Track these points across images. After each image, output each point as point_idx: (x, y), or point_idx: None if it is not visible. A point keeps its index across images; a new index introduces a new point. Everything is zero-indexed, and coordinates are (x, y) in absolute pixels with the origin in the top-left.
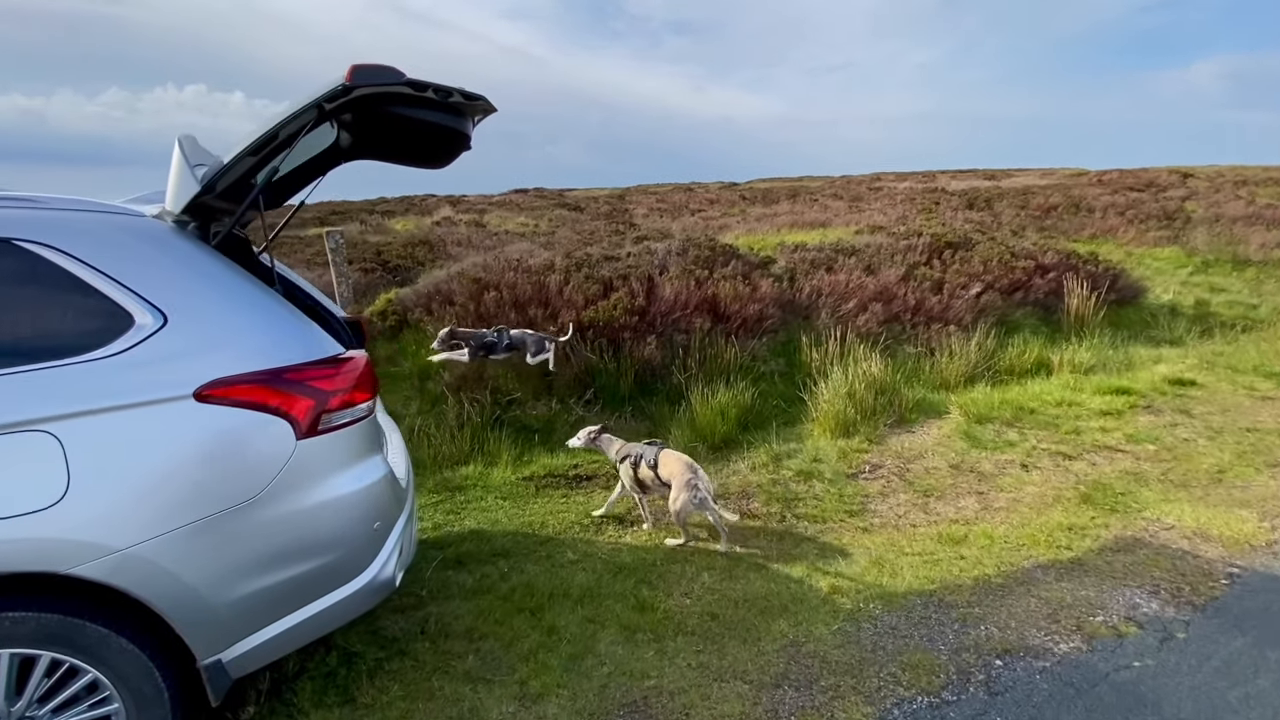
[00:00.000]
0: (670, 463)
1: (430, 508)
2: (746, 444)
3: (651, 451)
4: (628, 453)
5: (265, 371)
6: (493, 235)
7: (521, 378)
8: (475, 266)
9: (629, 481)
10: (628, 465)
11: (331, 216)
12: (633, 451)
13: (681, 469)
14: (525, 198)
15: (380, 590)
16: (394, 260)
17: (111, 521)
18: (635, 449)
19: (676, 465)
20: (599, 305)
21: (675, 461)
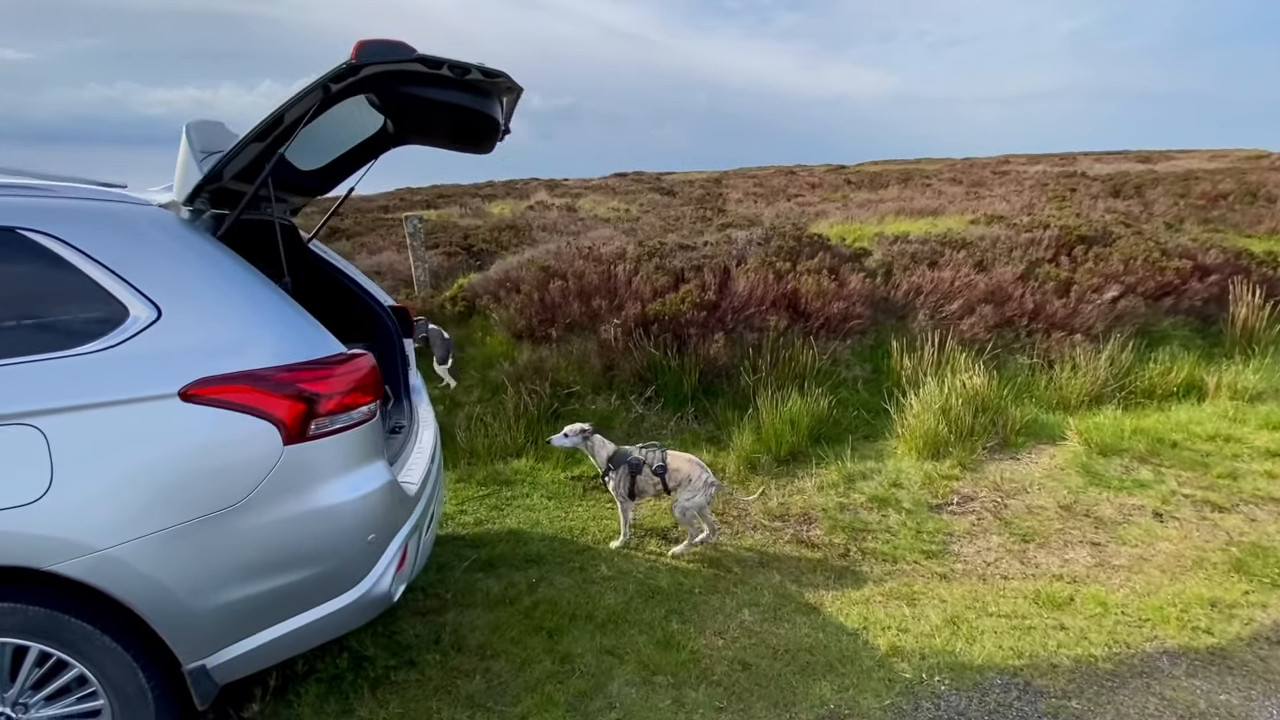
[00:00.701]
0: (681, 465)
1: (476, 501)
2: (816, 459)
3: (657, 455)
4: (624, 459)
5: (254, 371)
6: (579, 220)
7: (582, 370)
8: (546, 254)
9: (623, 490)
10: (623, 472)
11: (438, 200)
12: (629, 458)
13: (695, 469)
14: (623, 182)
15: (374, 606)
16: (479, 244)
17: (92, 521)
18: (632, 454)
19: (688, 466)
20: (666, 298)
21: (686, 463)
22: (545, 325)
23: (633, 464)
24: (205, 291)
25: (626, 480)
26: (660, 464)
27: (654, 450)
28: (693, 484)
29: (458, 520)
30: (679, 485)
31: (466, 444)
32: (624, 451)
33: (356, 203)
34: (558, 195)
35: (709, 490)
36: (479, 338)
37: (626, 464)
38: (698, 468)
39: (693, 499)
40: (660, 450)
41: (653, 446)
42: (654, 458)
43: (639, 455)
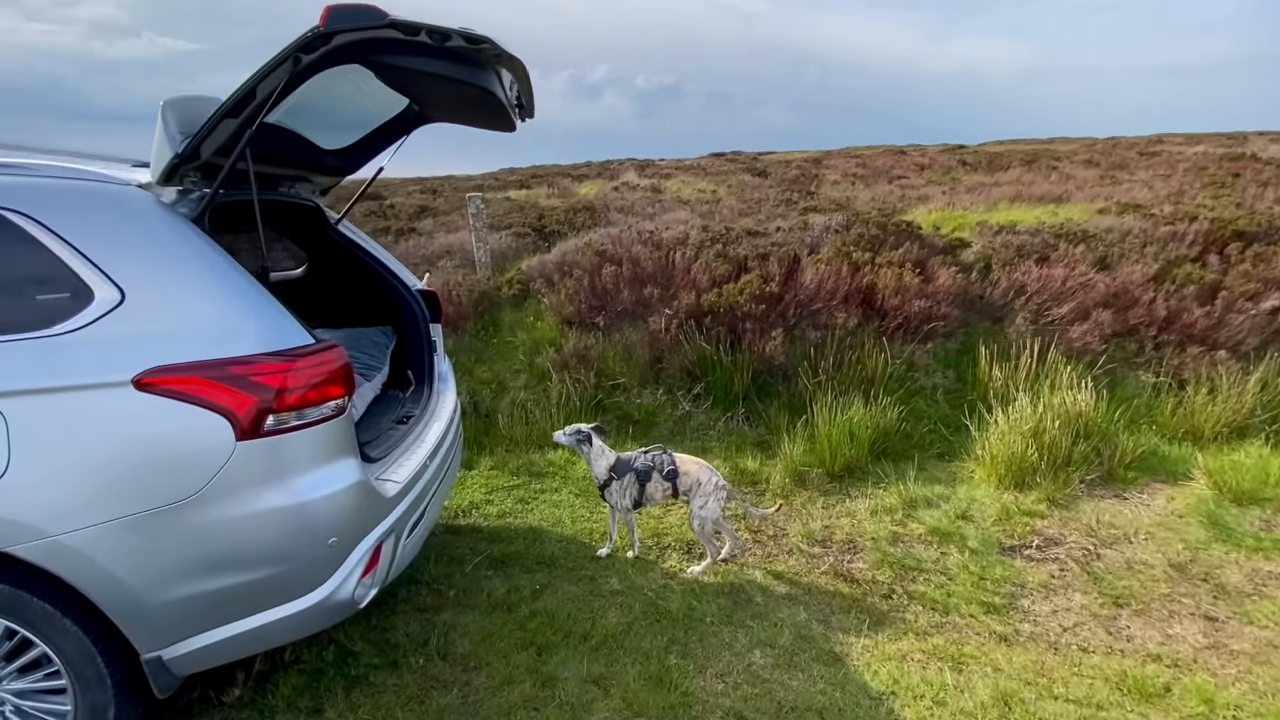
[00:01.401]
0: (691, 467)
1: (505, 491)
2: (875, 478)
3: (667, 459)
4: (629, 467)
5: (208, 362)
6: (659, 202)
7: (629, 361)
8: (604, 238)
9: (628, 500)
10: (629, 481)
11: (532, 180)
12: (634, 464)
13: (704, 472)
14: (718, 162)
15: (335, 612)
16: (551, 226)
17: (46, 506)
18: (637, 460)
19: (697, 469)
20: (724, 288)
21: (695, 465)
22: (594, 312)
23: (640, 471)
24: (168, 276)
25: (634, 489)
26: (671, 467)
27: (660, 454)
28: (703, 488)
29: (482, 510)
30: (689, 490)
31: (507, 430)
32: (627, 459)
33: (454, 181)
34: (647, 176)
35: (720, 494)
36: (530, 322)
37: (633, 471)
38: (706, 470)
39: (706, 506)
40: (668, 453)
41: (656, 449)
42: (663, 461)
43: (647, 460)
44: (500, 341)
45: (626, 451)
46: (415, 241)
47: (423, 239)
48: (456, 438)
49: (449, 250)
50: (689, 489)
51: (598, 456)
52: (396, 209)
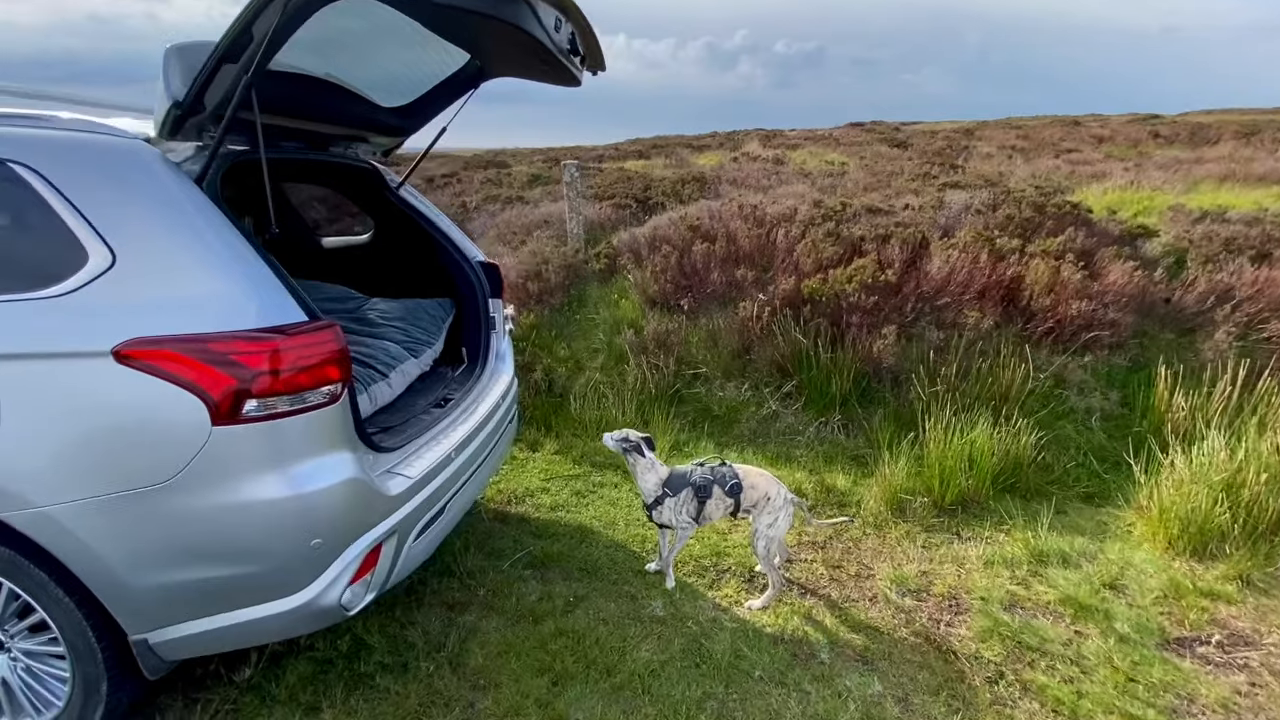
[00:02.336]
0: (758, 480)
1: (563, 481)
2: (996, 517)
3: (729, 472)
4: (686, 482)
5: (187, 336)
6: (778, 174)
7: (714, 349)
8: (701, 211)
9: (685, 516)
10: (686, 497)
11: (652, 150)
12: (691, 479)
13: (773, 485)
14: (854, 133)
15: (320, 617)
16: (655, 197)
17: (32, 476)
18: (694, 474)
19: (765, 482)
20: (830, 273)
21: (763, 479)
22: (680, 293)
23: (699, 486)
24: (160, 240)
25: (691, 505)
26: (735, 480)
27: (717, 466)
28: (772, 503)
29: (536, 499)
30: (755, 505)
31: (577, 413)
32: (681, 473)
33: (577, 151)
34: (772, 146)
35: (788, 510)
36: (614, 299)
37: (690, 486)
38: (775, 483)
39: (775, 524)
40: (728, 465)
41: (710, 462)
42: (726, 474)
43: (705, 474)
44: (583, 318)
45: (680, 465)
46: (518, 210)
47: (527, 208)
48: (506, 423)
49: (547, 220)
50: (754, 505)
51: (646, 470)
52: (512, 176)
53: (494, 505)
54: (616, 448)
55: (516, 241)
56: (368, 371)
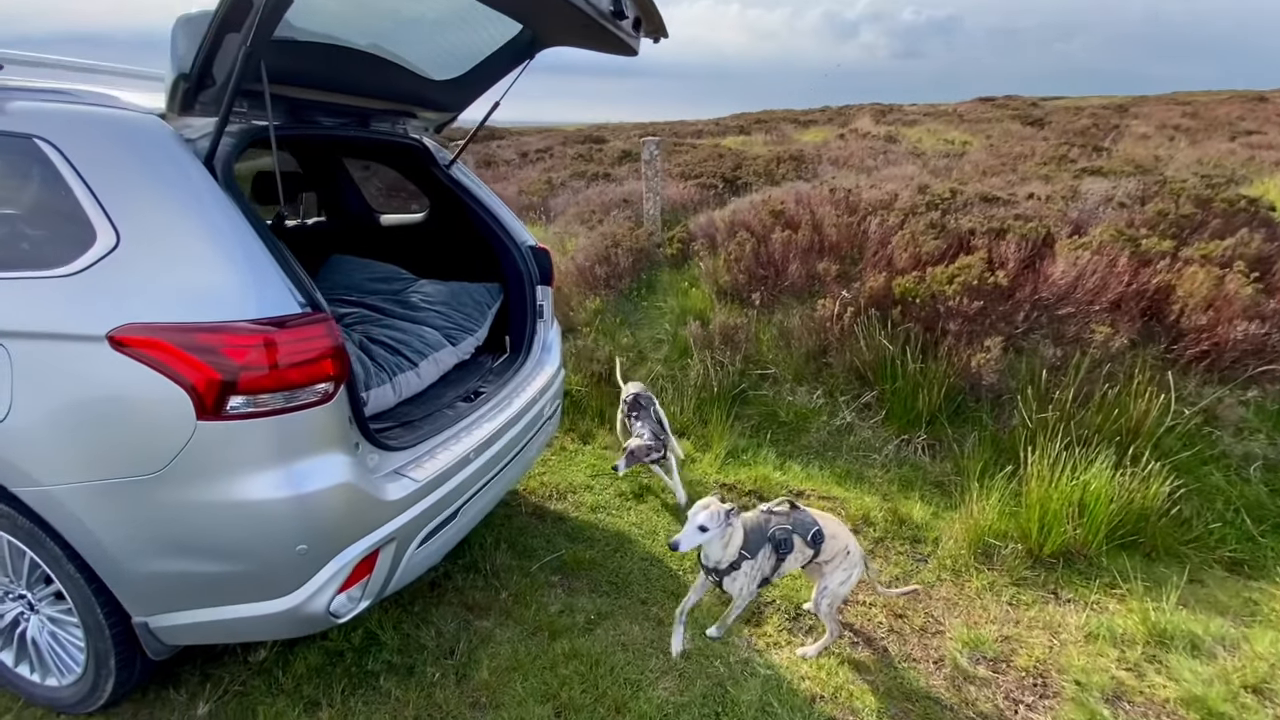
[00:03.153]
0: (839, 532)
1: (609, 480)
2: (1106, 579)
3: (807, 519)
4: (764, 537)
5: (176, 325)
6: (884, 153)
7: (787, 349)
8: (787, 194)
9: (757, 579)
10: (765, 555)
11: (754, 125)
12: (771, 532)
13: (852, 538)
14: (983, 108)
15: (307, 623)
16: (745, 177)
17: (39, 456)
18: (773, 526)
19: (845, 533)
20: (928, 271)
21: (842, 529)
22: (753, 284)
23: (780, 540)
24: (163, 221)
25: (769, 565)
26: (817, 527)
27: (792, 511)
28: (850, 558)
29: (579, 497)
30: (831, 559)
31: None
32: (757, 526)
33: (677, 126)
34: (886, 122)
35: (861, 567)
36: (684, 288)
37: (769, 543)
38: (851, 536)
39: (846, 582)
40: (801, 509)
41: (783, 505)
42: (805, 521)
43: (783, 523)
44: (650, 306)
45: (749, 514)
46: (601, 188)
47: (611, 185)
48: (544, 420)
49: (627, 200)
50: (831, 558)
51: (734, 536)
52: (604, 152)
53: (534, 499)
54: (714, 527)
55: (594, 221)
56: (396, 359)
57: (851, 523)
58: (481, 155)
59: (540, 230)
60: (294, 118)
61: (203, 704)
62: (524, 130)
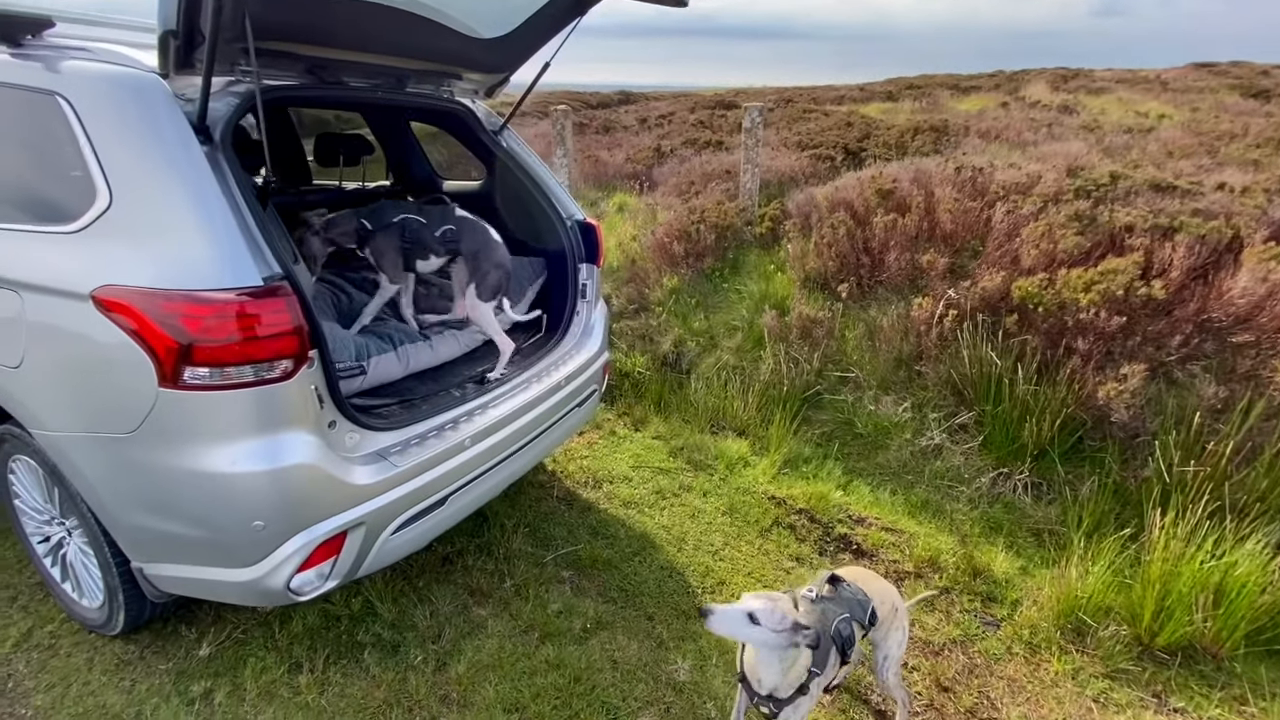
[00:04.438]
0: (886, 592)
1: (651, 472)
2: (1234, 689)
3: (859, 595)
4: (829, 643)
5: (144, 290)
6: (1049, 125)
7: (874, 351)
8: (902, 171)
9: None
10: (831, 664)
11: (905, 91)
12: (836, 630)
13: (894, 590)
14: (1195, 75)
15: (267, 596)
16: (871, 149)
17: (44, 402)
18: (835, 618)
19: (891, 591)
20: (1060, 274)
21: (884, 585)
22: (843, 274)
23: (841, 635)
24: (150, 183)
25: (835, 669)
26: (870, 604)
27: (839, 587)
28: (900, 615)
29: (615, 488)
30: (884, 622)
31: (695, 398)
32: (817, 621)
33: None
34: (1064, 90)
35: (907, 614)
36: (769, 272)
37: (835, 646)
38: (891, 586)
39: (903, 639)
40: (846, 584)
41: (816, 582)
42: (858, 600)
43: (841, 614)
44: (730, 289)
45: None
46: (709, 157)
47: (720, 155)
48: (570, 407)
49: (730, 171)
50: (883, 620)
51: (799, 659)
52: (727, 119)
53: (568, 483)
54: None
55: (691, 193)
56: (408, 330)
57: (914, 565)
58: (601, 121)
59: (634, 200)
60: (315, 78)
61: (206, 645)
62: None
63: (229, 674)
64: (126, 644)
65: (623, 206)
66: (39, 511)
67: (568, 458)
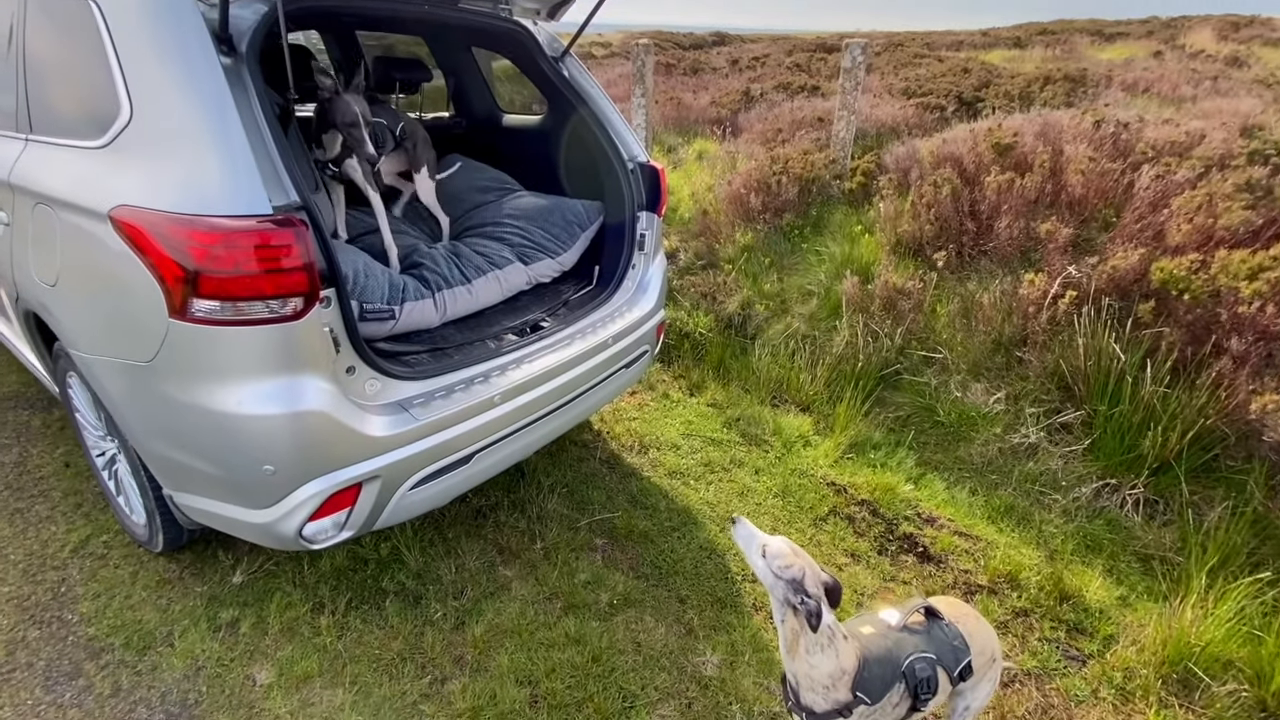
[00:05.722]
0: (986, 639)
1: (702, 442)
2: None
3: (955, 639)
4: (893, 675)
5: (157, 213)
6: (1213, 79)
7: (967, 332)
8: (1026, 123)
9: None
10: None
11: (1038, 36)
12: (910, 666)
13: (992, 636)
14: None
15: (281, 541)
16: (989, 99)
17: (77, 323)
18: (911, 657)
19: (988, 635)
20: (1221, 254)
21: (985, 628)
22: (943, 239)
23: (922, 679)
24: (162, 97)
25: (900, 712)
26: (966, 654)
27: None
28: (997, 663)
29: (662, 455)
30: (978, 672)
31: (758, 366)
32: (884, 656)
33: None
34: (1236, 40)
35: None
36: (855, 233)
37: (903, 681)
38: (992, 632)
39: (992, 690)
40: (942, 622)
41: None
42: (951, 645)
43: (924, 650)
44: (811, 249)
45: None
46: (801, 103)
47: (814, 101)
48: (617, 368)
49: (823, 118)
50: (976, 672)
51: (819, 649)
52: (826, 64)
53: (614, 446)
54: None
55: (778, 140)
56: (451, 273)
57: (989, 578)
58: (690, 62)
59: (715, 146)
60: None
61: (240, 573)
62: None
63: (256, 605)
64: (169, 562)
65: (702, 154)
66: (95, 427)
67: (615, 418)
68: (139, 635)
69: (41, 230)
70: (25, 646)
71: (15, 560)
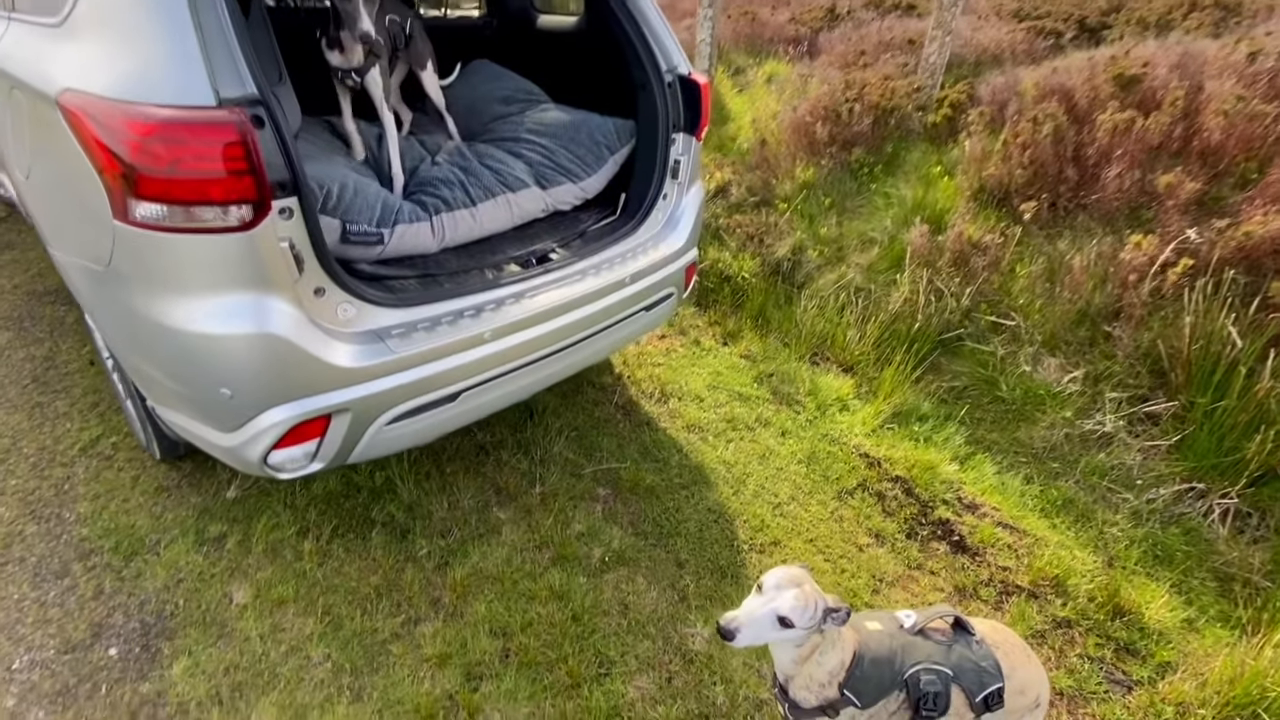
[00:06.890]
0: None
1: (728, 396)
2: None
3: (983, 658)
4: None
5: (97, 98)
6: None
7: (1048, 299)
8: (1164, 52)
9: None
10: (896, 704)
11: None
12: (914, 677)
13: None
14: None
15: (250, 467)
16: (1118, 25)
17: (47, 220)
18: (915, 668)
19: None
20: None
21: (1031, 662)
22: (1035, 188)
23: (926, 693)
24: None
25: (887, 716)
26: (999, 685)
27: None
28: (1040, 709)
29: (683, 405)
30: (1013, 713)
31: (801, 319)
32: (885, 658)
33: None
34: None
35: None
36: (932, 175)
37: (903, 691)
38: (1042, 672)
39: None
40: (974, 638)
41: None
42: (976, 664)
43: (937, 663)
44: (880, 191)
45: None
46: (892, 22)
47: (908, 20)
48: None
49: (912, 40)
50: (1013, 713)
51: (833, 645)
52: None
53: (632, 392)
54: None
55: (859, 65)
56: (452, 194)
57: (1030, 580)
58: None
59: (786, 68)
60: None
61: (234, 488)
62: None
63: (245, 522)
64: (170, 470)
65: (772, 77)
66: None
67: (639, 362)
68: (129, 541)
69: (15, 117)
70: (21, 540)
71: (27, 454)
